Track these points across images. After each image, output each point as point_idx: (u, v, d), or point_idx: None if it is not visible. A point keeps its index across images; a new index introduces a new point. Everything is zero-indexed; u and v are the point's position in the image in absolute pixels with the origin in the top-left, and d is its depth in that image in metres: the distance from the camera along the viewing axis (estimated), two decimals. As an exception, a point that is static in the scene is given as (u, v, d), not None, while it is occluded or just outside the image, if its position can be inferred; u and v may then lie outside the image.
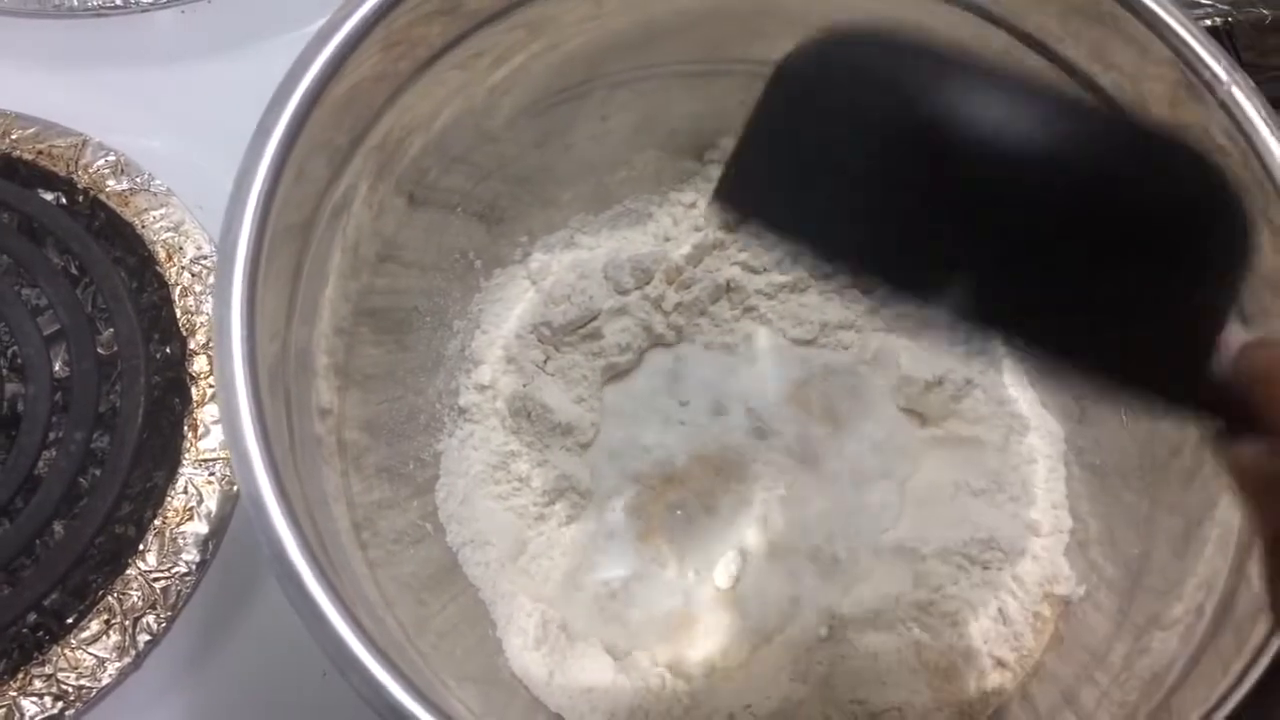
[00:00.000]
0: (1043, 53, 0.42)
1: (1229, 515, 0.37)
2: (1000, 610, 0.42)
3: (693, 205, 0.50)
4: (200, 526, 0.44)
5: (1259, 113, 0.36)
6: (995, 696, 0.42)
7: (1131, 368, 0.24)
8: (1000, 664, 0.42)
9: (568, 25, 0.43)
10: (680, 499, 0.46)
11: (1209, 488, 0.38)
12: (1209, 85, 0.37)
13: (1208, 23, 0.52)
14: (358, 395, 0.41)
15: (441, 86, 0.41)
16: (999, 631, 0.42)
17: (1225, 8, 0.53)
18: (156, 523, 0.44)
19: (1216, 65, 0.37)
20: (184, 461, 0.45)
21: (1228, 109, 0.37)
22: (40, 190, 0.50)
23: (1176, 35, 0.38)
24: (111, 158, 0.51)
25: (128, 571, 0.43)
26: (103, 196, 0.50)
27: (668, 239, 0.50)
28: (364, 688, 0.29)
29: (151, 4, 0.55)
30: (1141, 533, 0.41)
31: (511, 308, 0.48)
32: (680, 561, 0.45)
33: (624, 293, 0.48)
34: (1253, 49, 0.52)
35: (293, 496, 0.31)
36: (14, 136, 0.51)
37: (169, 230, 0.50)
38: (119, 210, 0.50)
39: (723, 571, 0.44)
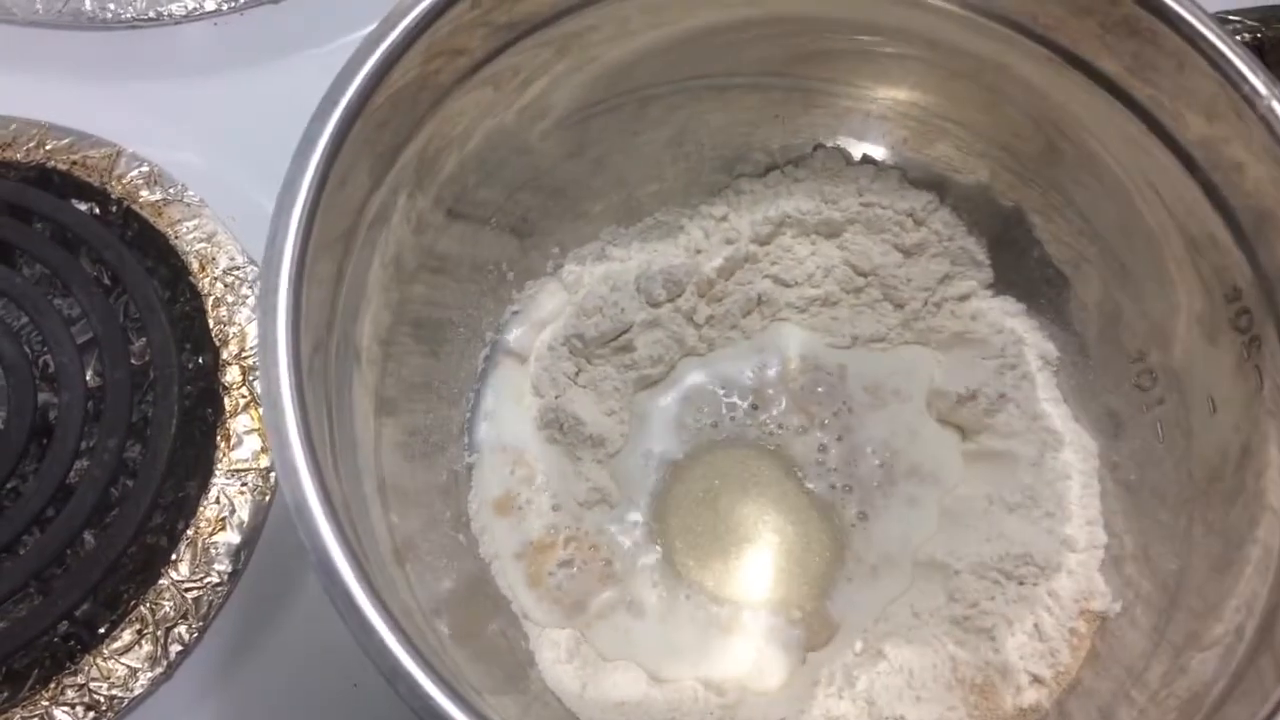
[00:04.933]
0: (1080, 67, 0.42)
1: (1270, 536, 0.37)
2: (1036, 626, 0.42)
3: (723, 219, 0.50)
4: (232, 537, 0.44)
5: (1300, 128, 0.36)
6: (1032, 713, 0.41)
7: None
8: (1036, 680, 0.41)
9: (600, 40, 0.43)
10: (698, 525, 0.46)
11: (1251, 509, 0.37)
12: (1248, 100, 0.37)
13: (1238, 39, 0.53)
14: (395, 404, 0.41)
15: (478, 99, 0.41)
16: (1035, 648, 0.42)
17: (1255, 24, 0.53)
18: (189, 533, 0.44)
19: (1256, 80, 0.37)
20: (216, 472, 0.45)
21: (1267, 123, 0.37)
22: (74, 200, 0.51)
23: (1216, 50, 0.38)
24: (145, 169, 0.51)
25: (160, 581, 0.43)
26: (136, 207, 0.51)
27: (699, 251, 0.50)
28: (407, 692, 0.29)
29: (184, 17, 0.56)
30: (1178, 550, 0.41)
31: (544, 320, 0.48)
32: (710, 583, 0.45)
33: (656, 305, 0.48)
34: (1282, 65, 0.52)
35: (336, 505, 0.31)
36: (49, 147, 0.52)
37: (202, 241, 0.50)
38: (152, 221, 0.50)
39: (763, 591, 0.44)
